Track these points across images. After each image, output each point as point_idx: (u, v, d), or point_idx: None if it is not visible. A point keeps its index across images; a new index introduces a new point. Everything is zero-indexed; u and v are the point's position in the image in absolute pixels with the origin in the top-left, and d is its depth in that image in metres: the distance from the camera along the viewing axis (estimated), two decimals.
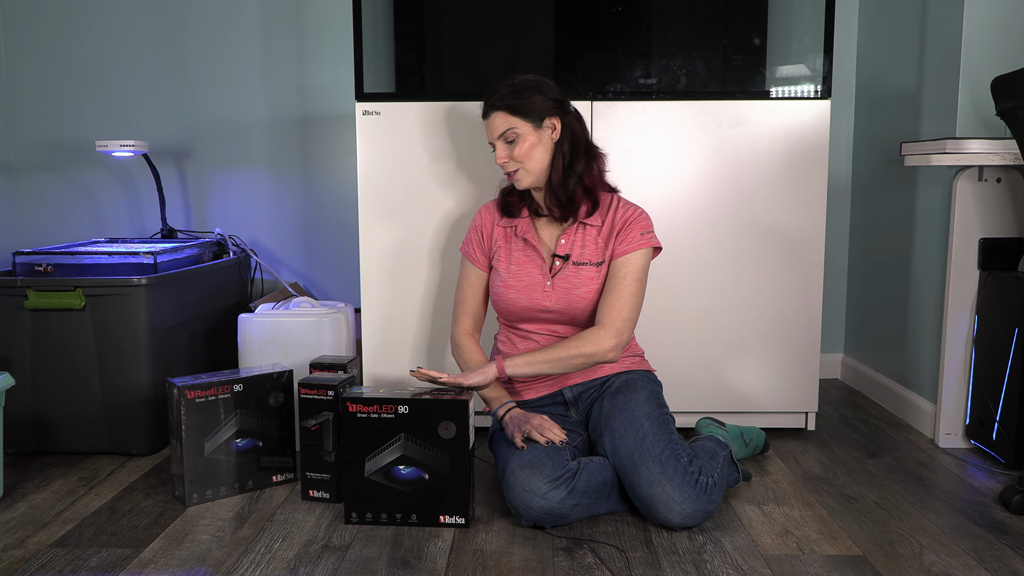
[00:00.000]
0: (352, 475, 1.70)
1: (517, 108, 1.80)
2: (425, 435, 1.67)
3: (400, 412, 1.67)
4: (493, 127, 1.82)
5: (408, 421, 1.67)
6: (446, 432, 1.66)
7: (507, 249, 1.90)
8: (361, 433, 1.69)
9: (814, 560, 1.57)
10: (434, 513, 1.69)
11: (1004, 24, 2.14)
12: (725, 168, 2.21)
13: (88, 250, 2.27)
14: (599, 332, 1.78)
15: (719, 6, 2.30)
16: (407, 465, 1.68)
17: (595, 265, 1.84)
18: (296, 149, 2.91)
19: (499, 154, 1.81)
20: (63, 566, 1.55)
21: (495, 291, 1.90)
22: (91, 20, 2.86)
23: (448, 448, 1.67)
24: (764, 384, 2.29)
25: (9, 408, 2.09)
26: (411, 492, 1.69)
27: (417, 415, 1.67)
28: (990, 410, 2.07)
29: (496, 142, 1.82)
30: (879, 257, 2.70)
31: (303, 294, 2.70)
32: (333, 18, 2.83)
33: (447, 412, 1.66)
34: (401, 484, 1.69)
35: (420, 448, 1.67)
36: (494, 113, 1.81)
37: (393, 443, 1.68)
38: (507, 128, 1.80)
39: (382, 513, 1.70)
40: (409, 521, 1.70)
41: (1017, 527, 1.72)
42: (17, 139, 2.93)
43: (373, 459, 1.69)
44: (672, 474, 1.67)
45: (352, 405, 1.68)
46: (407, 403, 1.66)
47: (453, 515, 1.68)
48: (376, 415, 1.68)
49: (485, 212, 1.95)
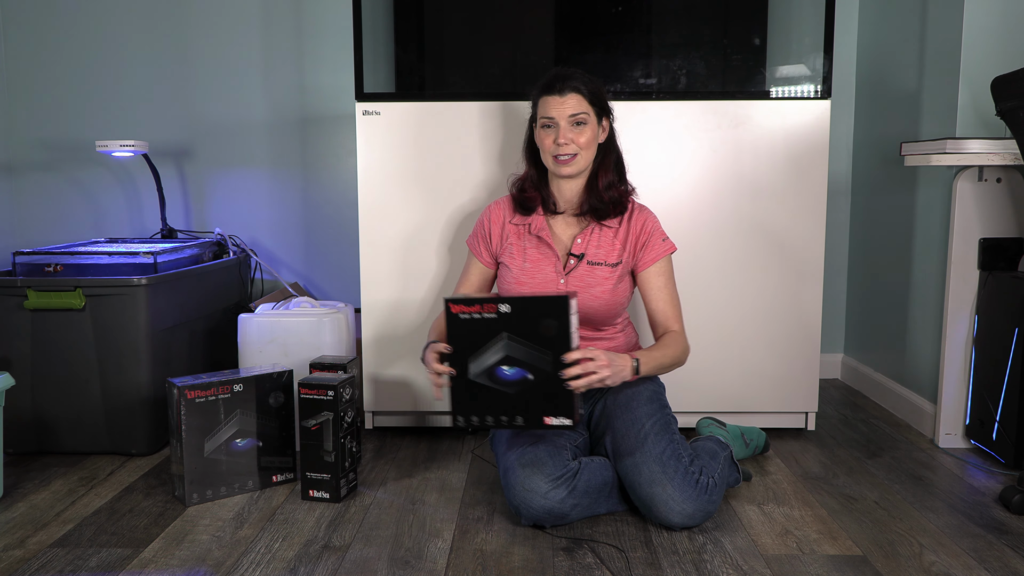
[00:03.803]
0: (456, 378, 1.65)
1: (595, 96, 1.79)
2: (527, 334, 1.61)
3: (502, 311, 1.61)
4: (566, 106, 1.76)
5: (510, 320, 1.61)
6: (547, 330, 1.60)
7: (520, 246, 1.88)
8: (463, 334, 1.64)
9: (814, 560, 1.57)
10: (539, 415, 1.63)
11: (1004, 24, 2.14)
12: (725, 168, 2.21)
13: (88, 250, 2.27)
14: (680, 337, 1.84)
15: (719, 6, 2.30)
16: (510, 365, 1.63)
17: (610, 266, 1.84)
18: (296, 149, 2.91)
19: (563, 134, 1.77)
20: (63, 566, 1.55)
21: (506, 288, 1.88)
22: (91, 20, 2.86)
23: (550, 346, 1.61)
24: (764, 384, 2.29)
25: (9, 408, 2.09)
26: (516, 393, 1.63)
27: (519, 313, 1.61)
28: (990, 410, 2.07)
29: (562, 121, 1.76)
30: (879, 257, 2.70)
31: (303, 294, 2.69)
32: (333, 18, 2.83)
33: (548, 309, 1.60)
34: (505, 385, 1.64)
35: (523, 347, 1.62)
36: (571, 93, 1.76)
37: (496, 343, 1.63)
38: (581, 111, 1.77)
39: (487, 416, 1.65)
40: (515, 423, 1.65)
41: (1017, 527, 1.72)
42: (17, 139, 2.92)
43: (476, 360, 1.64)
44: (673, 474, 1.67)
45: (454, 306, 1.63)
46: (508, 302, 1.62)
47: (559, 416, 1.63)
48: (479, 315, 1.62)
49: (495, 209, 1.93)
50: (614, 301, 1.85)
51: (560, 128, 1.77)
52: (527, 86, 2.34)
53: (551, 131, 1.79)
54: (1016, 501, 1.78)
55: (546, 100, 1.79)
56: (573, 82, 1.77)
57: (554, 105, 1.77)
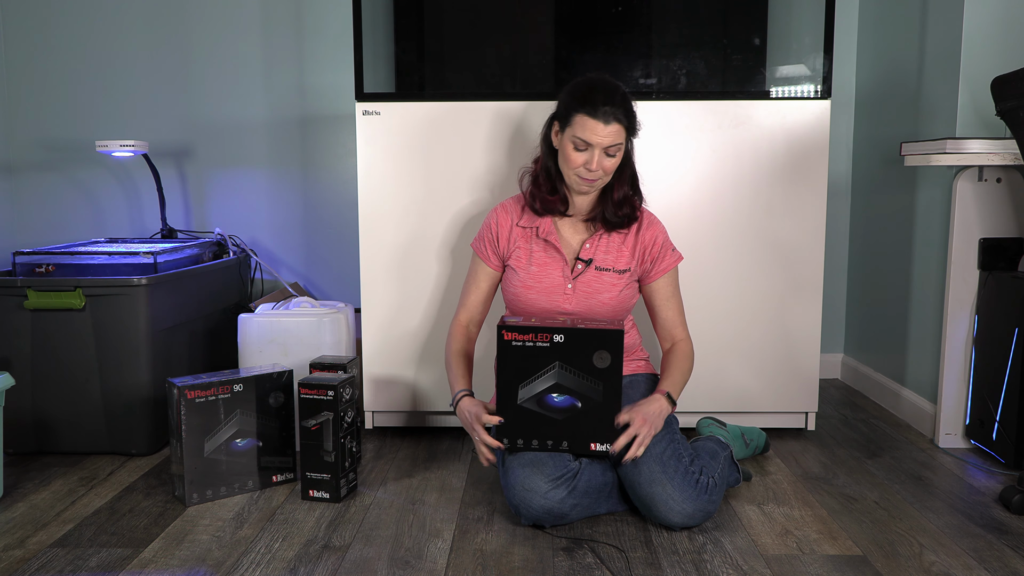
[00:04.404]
0: (505, 403, 1.69)
1: (632, 124, 1.76)
2: (580, 364, 1.66)
3: (555, 341, 1.66)
4: (606, 137, 1.71)
5: (563, 350, 1.66)
6: (600, 361, 1.65)
7: (527, 250, 1.87)
8: (515, 361, 1.67)
9: (814, 560, 1.57)
10: (585, 441, 1.68)
11: (1004, 24, 2.14)
12: (725, 168, 2.21)
13: (88, 250, 2.27)
14: (687, 345, 1.87)
15: (719, 6, 2.30)
16: (560, 393, 1.67)
17: (618, 272, 1.84)
18: (296, 149, 2.91)
19: (595, 162, 1.72)
20: (63, 566, 1.55)
21: (512, 291, 1.88)
22: (91, 20, 2.86)
23: (602, 377, 1.66)
24: (764, 384, 2.29)
25: (9, 408, 2.09)
26: (563, 420, 1.68)
27: (572, 344, 1.66)
28: (990, 410, 2.07)
29: (598, 150, 1.72)
30: (879, 257, 2.70)
31: (303, 294, 2.70)
32: (333, 18, 2.83)
33: (602, 341, 1.65)
34: (553, 412, 1.68)
35: (574, 376, 1.66)
36: (615, 124, 1.71)
37: (547, 371, 1.67)
38: (617, 143, 1.73)
39: (533, 440, 1.69)
40: (560, 448, 1.69)
41: (1017, 527, 1.72)
42: (17, 139, 2.93)
43: (527, 387, 1.68)
44: (673, 473, 1.67)
45: (507, 333, 1.67)
46: (563, 332, 1.66)
47: (603, 443, 1.68)
48: (532, 343, 1.67)
49: (502, 212, 1.91)
50: (620, 306, 1.85)
51: (595, 156, 1.72)
52: (527, 86, 2.35)
53: (584, 154, 1.73)
54: (1016, 501, 1.78)
55: (586, 121, 1.70)
56: (617, 111, 1.70)
57: (594, 131, 1.70)
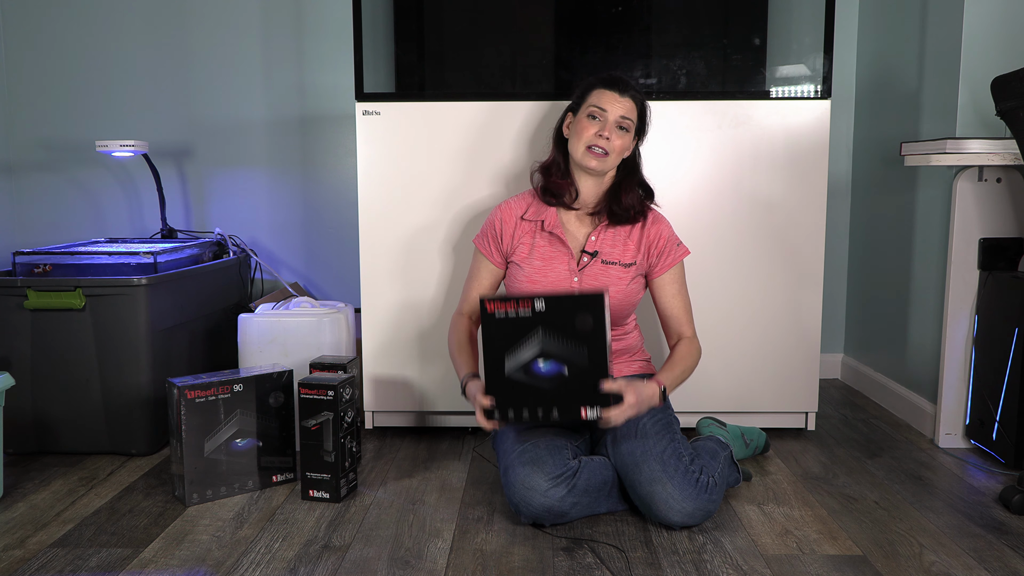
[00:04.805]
0: (493, 376, 1.68)
1: (643, 112, 1.85)
2: (562, 329, 1.65)
3: (537, 309, 1.66)
4: (620, 107, 1.80)
5: (545, 317, 1.66)
6: (583, 324, 1.65)
7: (531, 244, 1.88)
8: (499, 333, 1.67)
9: (814, 560, 1.57)
10: (575, 408, 1.67)
11: (1004, 24, 2.14)
12: (725, 168, 2.21)
13: (88, 250, 2.27)
14: (693, 343, 1.89)
15: (719, 6, 2.30)
16: (546, 359, 1.67)
17: (624, 266, 1.85)
18: (296, 149, 2.91)
19: (607, 132, 1.79)
20: (63, 566, 1.55)
21: (517, 286, 1.88)
22: (91, 20, 2.86)
23: (586, 340, 1.65)
24: (764, 384, 2.29)
25: (9, 408, 2.09)
26: (551, 388, 1.67)
27: (554, 310, 1.65)
28: (990, 410, 2.07)
29: (612, 117, 1.80)
30: (879, 257, 2.70)
31: (303, 294, 2.69)
32: (333, 18, 2.83)
33: (584, 305, 1.65)
34: (541, 380, 1.67)
35: (558, 342, 1.66)
36: (630, 97, 1.81)
37: (531, 338, 1.66)
38: (629, 117, 1.82)
39: (524, 410, 1.68)
40: (551, 417, 1.68)
41: (1017, 527, 1.72)
42: (17, 139, 2.92)
43: (513, 357, 1.67)
44: (673, 473, 1.67)
45: (490, 305, 1.67)
46: (544, 299, 1.66)
47: (594, 406, 1.67)
48: (514, 313, 1.66)
49: (505, 208, 1.92)
50: (627, 300, 1.86)
51: (608, 123, 1.80)
52: (527, 86, 2.35)
53: (597, 122, 1.80)
54: (1016, 501, 1.78)
55: (603, 93, 1.81)
56: (632, 90, 1.82)
57: (611, 100, 1.80)
